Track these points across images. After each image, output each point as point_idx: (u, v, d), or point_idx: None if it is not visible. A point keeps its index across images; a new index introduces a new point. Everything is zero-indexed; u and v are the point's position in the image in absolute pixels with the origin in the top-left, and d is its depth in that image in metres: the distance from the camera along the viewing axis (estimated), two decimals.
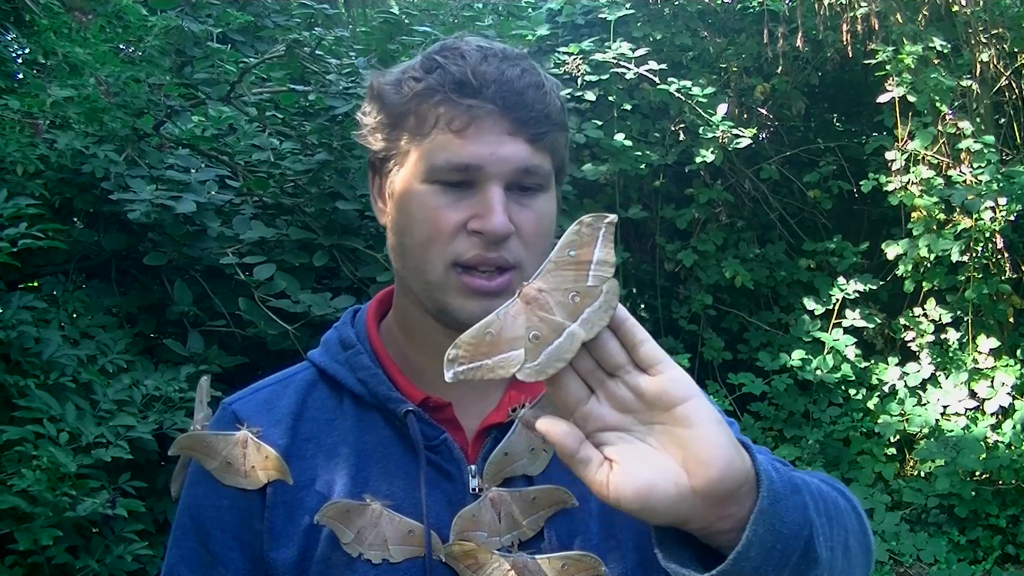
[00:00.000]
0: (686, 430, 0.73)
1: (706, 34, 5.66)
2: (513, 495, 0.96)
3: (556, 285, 0.75)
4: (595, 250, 0.75)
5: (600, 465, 0.74)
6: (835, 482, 0.96)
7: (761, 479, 0.75)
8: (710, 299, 5.58)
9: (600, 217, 0.75)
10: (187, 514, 1.02)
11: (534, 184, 0.96)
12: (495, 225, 0.92)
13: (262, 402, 1.04)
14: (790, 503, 0.76)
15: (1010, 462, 4.89)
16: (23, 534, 2.34)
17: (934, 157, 5.28)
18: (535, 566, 0.94)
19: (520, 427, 0.96)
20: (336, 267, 3.22)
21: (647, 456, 0.74)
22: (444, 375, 0.75)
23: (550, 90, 0.97)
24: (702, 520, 0.74)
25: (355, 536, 0.94)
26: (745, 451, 0.76)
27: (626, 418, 0.75)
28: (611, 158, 4.95)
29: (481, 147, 0.92)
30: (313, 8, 3.89)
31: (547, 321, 0.74)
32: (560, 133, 0.99)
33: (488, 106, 0.93)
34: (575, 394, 0.75)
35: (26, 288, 2.91)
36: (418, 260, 0.96)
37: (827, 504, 0.85)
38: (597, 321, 0.73)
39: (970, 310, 5.37)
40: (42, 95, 2.76)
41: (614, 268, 0.75)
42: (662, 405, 0.73)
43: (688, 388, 0.74)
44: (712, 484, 0.72)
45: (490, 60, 0.95)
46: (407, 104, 0.96)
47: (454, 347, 0.75)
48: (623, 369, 0.74)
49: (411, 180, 0.96)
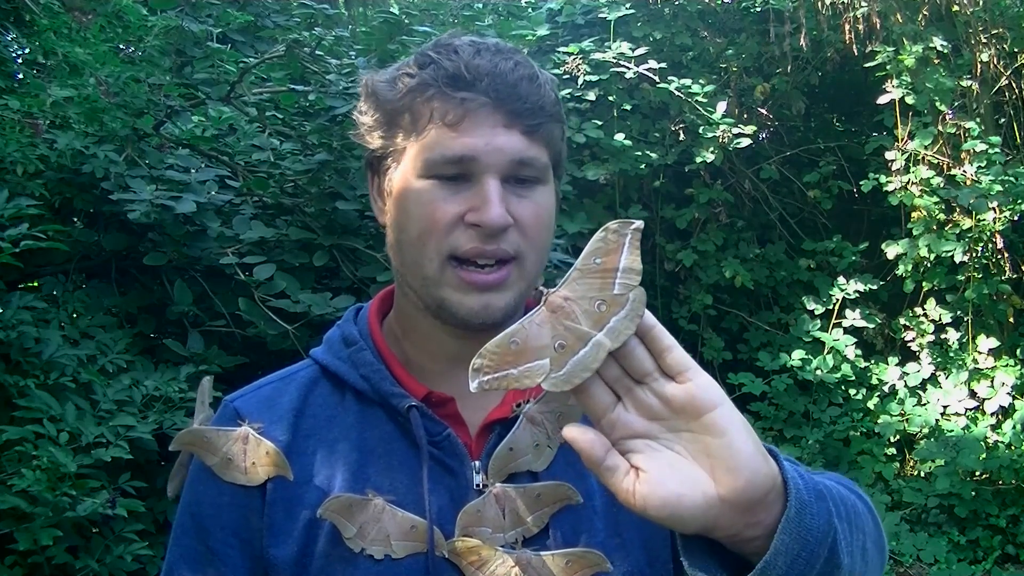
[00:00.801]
0: (714, 438, 0.72)
1: (706, 34, 5.66)
2: (518, 491, 0.95)
3: (582, 293, 0.74)
4: (621, 257, 0.74)
5: (627, 473, 0.74)
6: (850, 483, 0.96)
7: (789, 487, 0.75)
8: (710, 299, 5.59)
9: (626, 224, 0.74)
10: (187, 511, 1.02)
11: (531, 176, 0.96)
12: (491, 216, 0.92)
13: (264, 399, 1.03)
14: (816, 510, 0.76)
15: (1010, 462, 4.89)
16: (23, 534, 2.34)
17: (934, 157, 5.28)
18: (539, 562, 0.93)
19: (525, 422, 0.95)
20: (336, 267, 3.22)
21: (674, 464, 0.73)
22: (468, 382, 0.74)
23: (544, 83, 0.97)
24: (730, 528, 0.74)
25: (357, 531, 0.94)
26: (772, 458, 0.76)
27: (653, 425, 0.74)
28: (611, 158, 4.96)
29: (476, 139, 0.92)
30: (313, 8, 3.88)
31: (573, 330, 0.73)
32: (555, 125, 0.98)
33: (481, 99, 0.93)
34: (602, 401, 0.75)
35: (26, 288, 2.91)
36: (415, 256, 0.96)
37: (847, 508, 0.85)
38: (623, 330, 0.72)
39: (970, 310, 5.38)
40: (42, 95, 2.75)
41: (640, 276, 0.74)
42: (690, 413, 0.73)
43: (716, 395, 0.73)
44: (740, 492, 0.72)
45: (483, 54, 0.95)
46: (402, 101, 0.96)
47: (479, 356, 0.74)
48: (650, 376, 0.74)
49: (408, 176, 0.96)
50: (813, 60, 5.77)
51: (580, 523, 0.98)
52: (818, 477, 0.86)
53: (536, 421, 0.95)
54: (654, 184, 5.52)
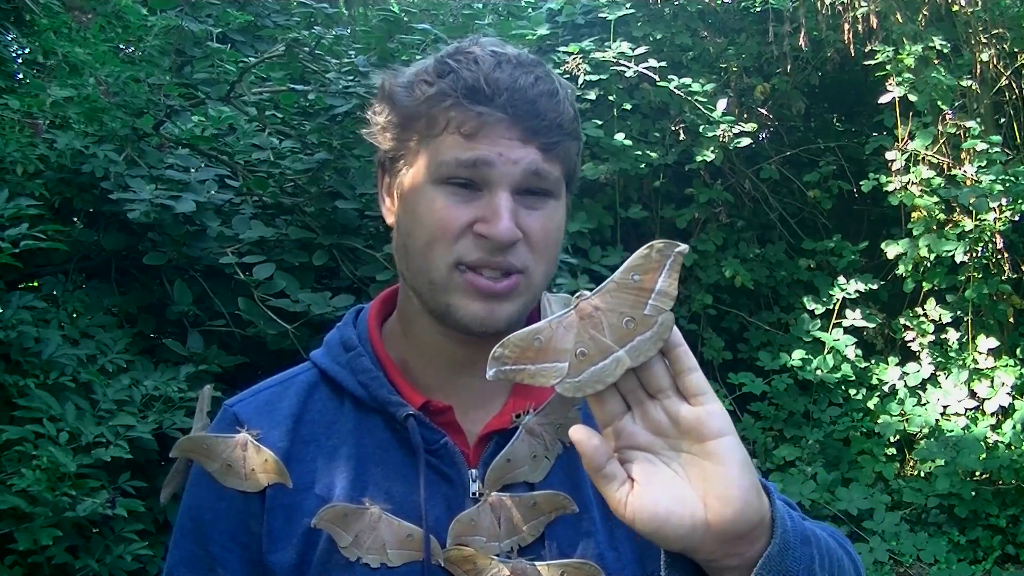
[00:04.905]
0: (714, 465, 0.74)
1: (706, 34, 5.66)
2: (513, 499, 0.95)
3: (613, 306, 0.75)
4: (659, 279, 0.75)
5: (622, 484, 0.75)
6: (842, 538, 0.97)
7: (776, 526, 0.76)
8: (710, 299, 5.58)
9: (671, 245, 0.75)
10: (187, 515, 1.02)
11: (542, 189, 0.95)
12: (501, 231, 0.91)
13: (263, 404, 1.03)
14: (799, 554, 0.78)
15: (1010, 462, 4.89)
16: (23, 534, 2.34)
17: (934, 157, 5.28)
18: (534, 572, 0.93)
19: (524, 434, 0.95)
20: (336, 266, 3.22)
21: (669, 482, 0.75)
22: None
23: (564, 98, 0.96)
24: (711, 554, 0.75)
25: (353, 540, 0.94)
26: (766, 495, 0.77)
27: (657, 440, 0.76)
28: (611, 158, 4.95)
29: (491, 150, 0.92)
30: (312, 7, 3.88)
31: (597, 341, 0.75)
32: (572, 142, 0.98)
33: (499, 114, 0.92)
34: (612, 410, 0.76)
35: (26, 288, 2.91)
36: (422, 260, 0.95)
37: (832, 561, 0.86)
38: (645, 351, 0.74)
39: (970, 310, 5.38)
40: (42, 95, 2.75)
41: (673, 301, 0.75)
42: (696, 436, 0.74)
43: (724, 425, 0.75)
44: (727, 522, 0.73)
45: (503, 67, 0.94)
46: (418, 107, 0.95)
47: (501, 346, 0.75)
48: (664, 393, 0.75)
49: (419, 180, 0.95)
50: (813, 60, 5.76)
51: (576, 534, 0.98)
52: (810, 524, 0.88)
53: (535, 433, 0.95)
54: (654, 184, 5.51)
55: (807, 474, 5.09)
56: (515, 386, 1.03)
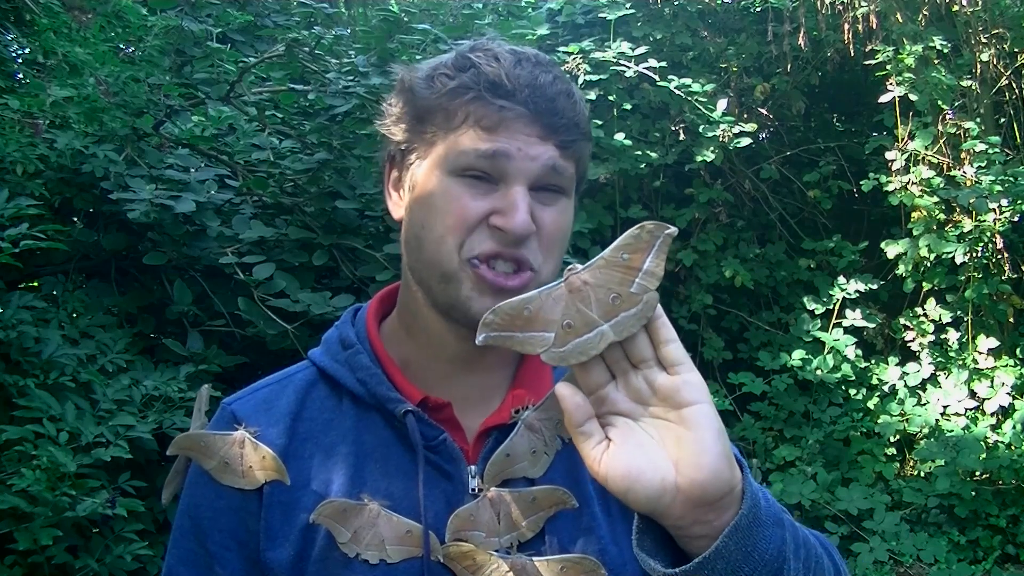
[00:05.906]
0: (687, 431, 0.76)
1: (706, 34, 5.66)
2: (513, 495, 0.95)
3: (602, 282, 0.78)
4: (647, 259, 0.78)
5: (599, 442, 0.78)
6: (828, 544, 0.97)
7: (746, 499, 0.78)
8: (710, 299, 5.58)
9: (661, 227, 0.78)
10: (186, 514, 1.02)
11: (557, 185, 0.96)
12: (517, 223, 0.92)
13: (261, 402, 1.03)
14: (769, 533, 0.79)
15: (1010, 462, 4.89)
16: (23, 534, 2.34)
17: (934, 157, 5.28)
18: (533, 568, 0.93)
19: (523, 429, 0.95)
20: (335, 266, 3.22)
21: (644, 444, 0.78)
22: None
23: (578, 100, 0.98)
24: (680, 519, 0.77)
25: (352, 536, 0.94)
26: (739, 469, 0.79)
27: (637, 408, 0.79)
28: (611, 157, 4.95)
29: (510, 143, 0.93)
30: (313, 7, 3.88)
31: (583, 314, 0.77)
32: (586, 143, 1.00)
33: (519, 109, 0.93)
34: (597, 379, 0.79)
35: (26, 288, 2.91)
36: (434, 251, 0.95)
37: (808, 554, 0.86)
38: (629, 327, 0.77)
39: (970, 310, 5.37)
40: (42, 95, 2.75)
41: (659, 281, 0.77)
42: (672, 403, 0.77)
43: (699, 394, 0.77)
44: (697, 487, 0.75)
45: (523, 64, 0.95)
46: (438, 100, 0.96)
47: (491, 312, 0.78)
48: (646, 363, 0.78)
49: (436, 171, 0.96)
50: (813, 60, 5.76)
51: (577, 529, 0.98)
52: (796, 524, 0.88)
53: (534, 428, 0.95)
54: (654, 184, 5.51)
55: (807, 474, 5.09)
56: (514, 382, 1.04)
